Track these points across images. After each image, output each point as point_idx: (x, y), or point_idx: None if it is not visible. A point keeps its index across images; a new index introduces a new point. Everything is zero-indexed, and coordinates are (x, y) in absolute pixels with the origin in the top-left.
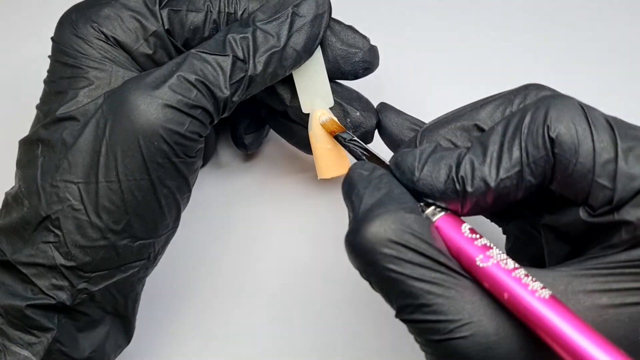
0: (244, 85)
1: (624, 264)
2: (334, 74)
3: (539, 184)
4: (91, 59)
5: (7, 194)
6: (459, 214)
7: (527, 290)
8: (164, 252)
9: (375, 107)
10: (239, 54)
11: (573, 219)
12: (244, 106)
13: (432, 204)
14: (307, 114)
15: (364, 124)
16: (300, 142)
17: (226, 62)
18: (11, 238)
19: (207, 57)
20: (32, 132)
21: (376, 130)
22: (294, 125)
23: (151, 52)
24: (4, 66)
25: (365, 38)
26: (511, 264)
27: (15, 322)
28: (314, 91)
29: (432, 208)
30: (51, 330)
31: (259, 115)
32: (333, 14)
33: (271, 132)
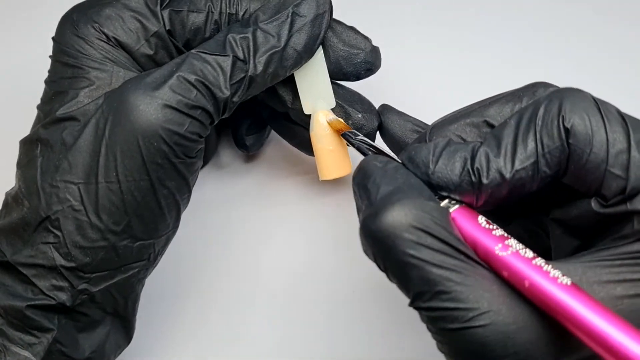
0: (245, 86)
1: (637, 254)
2: (336, 75)
3: (554, 174)
4: (92, 59)
5: (7, 194)
6: (473, 206)
7: (548, 277)
8: (164, 253)
9: (377, 108)
10: (239, 54)
11: (584, 210)
12: (245, 107)
13: (447, 196)
14: (309, 115)
15: (366, 125)
16: (302, 143)
17: (226, 62)
18: (11, 239)
19: (207, 58)
20: (32, 132)
21: (378, 133)
22: (295, 126)
23: (152, 52)
24: (4, 66)
25: (367, 39)
26: (530, 253)
27: (16, 323)
28: (316, 92)
29: (447, 201)
30: (51, 331)
31: (260, 117)
32: (334, 15)
33: (272, 133)
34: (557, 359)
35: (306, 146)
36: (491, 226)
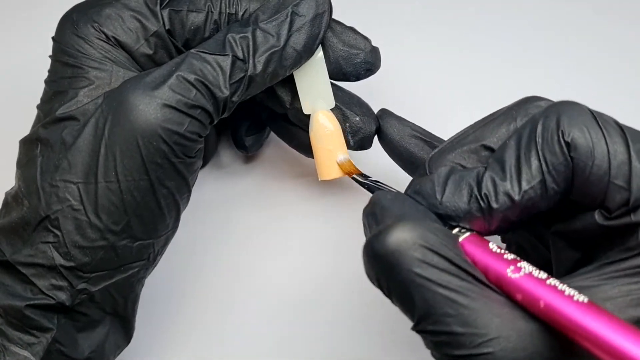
0: (244, 85)
1: None
2: (336, 75)
3: (563, 191)
4: (92, 59)
5: (7, 193)
6: (484, 233)
7: (564, 297)
8: (164, 253)
9: (376, 113)
10: (239, 53)
11: (588, 223)
12: (244, 108)
13: (457, 226)
14: (308, 116)
15: (363, 129)
16: (301, 145)
17: (226, 61)
18: (11, 238)
19: (207, 57)
20: (32, 131)
21: (376, 137)
22: (294, 128)
23: (152, 52)
24: (4, 66)
25: (366, 39)
26: (543, 274)
27: (15, 323)
28: (315, 92)
29: (457, 230)
30: (50, 331)
31: (259, 117)
32: (333, 15)
33: (272, 134)
34: None
35: (305, 148)
36: (502, 251)
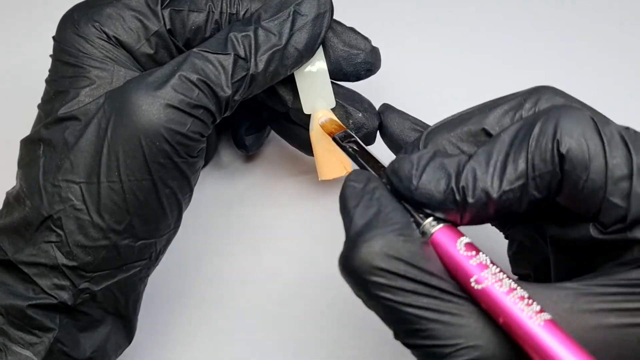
0: (246, 84)
1: (635, 282)
2: (336, 75)
3: (543, 198)
4: (93, 59)
5: (8, 193)
6: (457, 224)
7: (522, 316)
8: (166, 252)
9: (378, 108)
10: (241, 52)
11: (582, 234)
12: (245, 107)
13: (431, 214)
14: (309, 115)
15: (367, 125)
16: (302, 144)
17: (228, 60)
18: (13, 238)
19: (209, 56)
20: (34, 131)
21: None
22: (295, 127)
23: (152, 52)
24: (5, 66)
25: (367, 39)
26: (506, 285)
27: (17, 322)
28: (316, 92)
29: (431, 219)
30: (52, 330)
31: (260, 117)
32: (334, 15)
33: (272, 133)
34: None
35: (306, 147)
36: (470, 252)
